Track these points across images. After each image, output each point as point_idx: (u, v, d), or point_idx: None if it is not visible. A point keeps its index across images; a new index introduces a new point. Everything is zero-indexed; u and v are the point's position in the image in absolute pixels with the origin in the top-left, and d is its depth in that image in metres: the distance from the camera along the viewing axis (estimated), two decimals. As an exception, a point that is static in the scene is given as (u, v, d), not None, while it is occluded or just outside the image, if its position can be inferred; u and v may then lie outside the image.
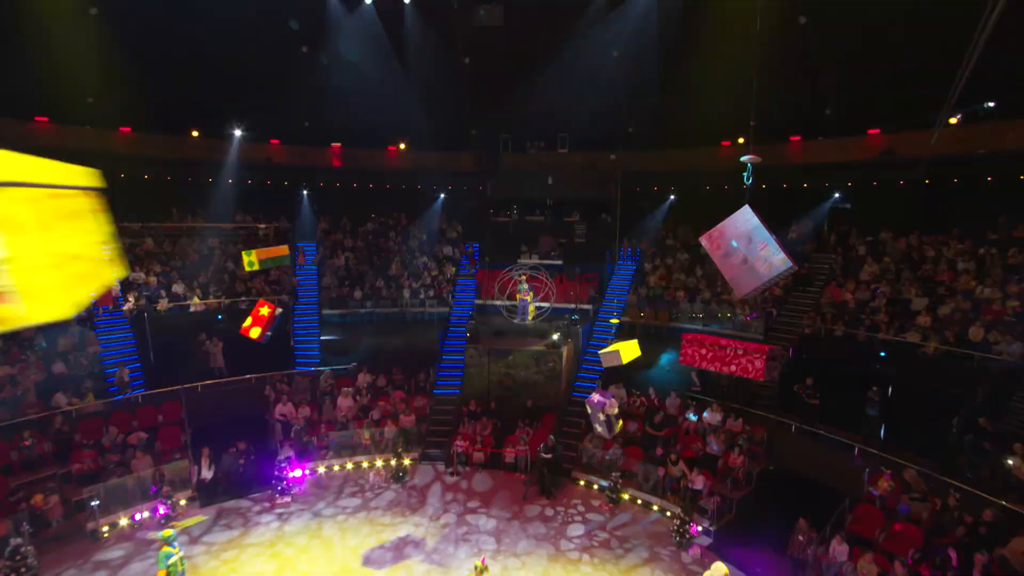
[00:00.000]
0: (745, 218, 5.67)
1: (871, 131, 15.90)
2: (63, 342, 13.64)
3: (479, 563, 7.61)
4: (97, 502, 10.04)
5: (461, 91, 19.55)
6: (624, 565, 9.48)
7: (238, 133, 19.24)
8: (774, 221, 6.87)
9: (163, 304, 15.88)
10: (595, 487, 11.95)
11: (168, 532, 8.10)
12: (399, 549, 9.88)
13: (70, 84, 15.64)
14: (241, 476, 11.82)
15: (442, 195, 22.61)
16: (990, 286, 12.38)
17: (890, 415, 10.72)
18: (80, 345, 13.83)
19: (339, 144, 21.30)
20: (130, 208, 18.03)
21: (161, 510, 10.50)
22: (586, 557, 9.69)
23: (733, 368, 8.80)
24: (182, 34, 15.80)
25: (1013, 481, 8.35)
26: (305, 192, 21.76)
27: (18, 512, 9.46)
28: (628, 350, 7.71)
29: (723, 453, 11.24)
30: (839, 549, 8.39)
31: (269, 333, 9.91)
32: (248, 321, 9.84)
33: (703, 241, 6.02)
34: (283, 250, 10.98)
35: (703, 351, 9.21)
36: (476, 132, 21.34)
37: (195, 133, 19.34)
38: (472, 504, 11.48)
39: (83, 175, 2.52)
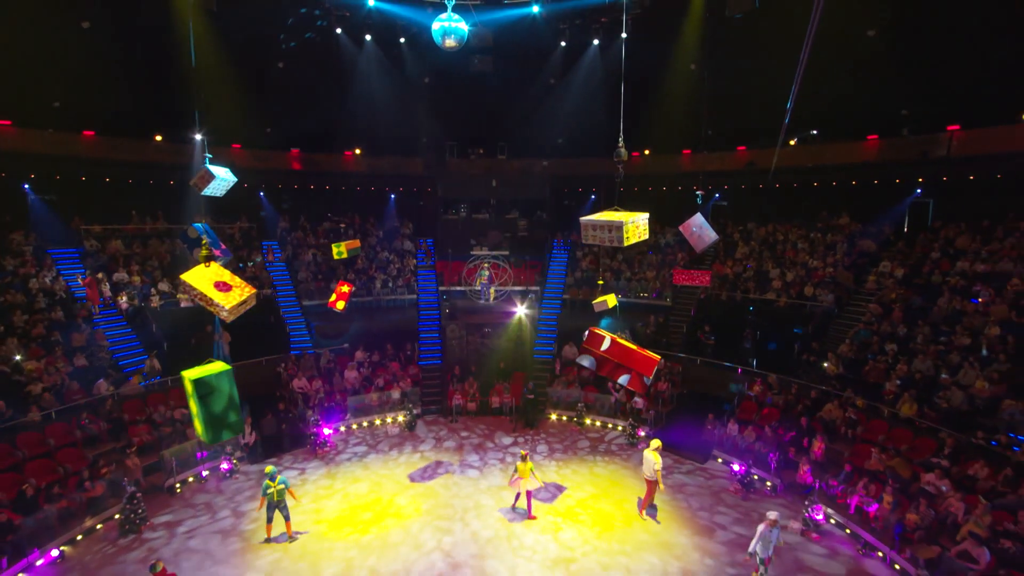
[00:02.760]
0: (698, 217, 10.52)
1: (740, 147, 21.27)
2: (76, 338, 14.64)
3: (523, 452, 10.93)
4: (175, 461, 11.94)
5: (416, 105, 22.39)
6: (578, 457, 13.61)
7: (199, 137, 20.39)
8: (678, 215, 11.44)
9: (155, 301, 17.07)
10: (564, 418, 15.87)
11: (271, 468, 10.37)
12: (432, 468, 13.00)
13: (34, 87, 16.21)
14: (278, 438, 14.09)
15: (393, 196, 25.13)
16: (816, 259, 18.03)
17: (758, 347, 15.86)
18: (92, 341, 14.89)
19: (298, 149, 23.04)
20: (92, 210, 18.61)
21: (225, 466, 12.60)
22: (553, 464, 13.42)
23: (698, 282, 15.41)
24: (152, 40, 16.87)
25: (827, 375, 13.56)
26: (263, 194, 23.15)
27: (113, 473, 11.16)
28: (611, 300, 11.66)
29: (654, 383, 15.66)
30: (732, 428, 13.08)
31: (347, 304, 12.53)
32: (333, 296, 12.29)
33: (681, 228, 10.58)
34: (357, 243, 14.40)
35: (685, 276, 15.49)
36: (425, 140, 24.21)
37: (159, 138, 20.13)
38: (466, 434, 15.00)
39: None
